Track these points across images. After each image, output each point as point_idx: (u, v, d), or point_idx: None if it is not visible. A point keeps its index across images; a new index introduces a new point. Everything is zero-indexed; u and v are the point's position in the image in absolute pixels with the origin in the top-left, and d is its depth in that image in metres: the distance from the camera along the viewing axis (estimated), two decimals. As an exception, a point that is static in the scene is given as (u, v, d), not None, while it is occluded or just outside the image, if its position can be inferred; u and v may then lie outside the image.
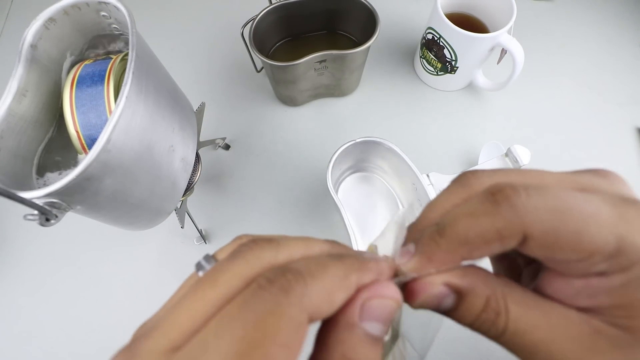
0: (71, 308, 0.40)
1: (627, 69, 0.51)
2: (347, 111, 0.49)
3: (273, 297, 0.11)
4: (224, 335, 0.11)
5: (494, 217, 0.12)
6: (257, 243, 0.13)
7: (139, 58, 0.24)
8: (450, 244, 0.13)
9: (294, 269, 0.12)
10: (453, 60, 0.44)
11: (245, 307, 0.11)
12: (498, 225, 0.12)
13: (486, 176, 0.15)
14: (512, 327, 0.13)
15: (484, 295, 0.13)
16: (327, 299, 0.12)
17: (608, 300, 0.12)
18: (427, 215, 0.15)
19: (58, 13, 0.27)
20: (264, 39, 0.45)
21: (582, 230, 0.12)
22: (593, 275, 0.12)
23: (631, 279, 0.12)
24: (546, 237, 0.12)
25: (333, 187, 0.36)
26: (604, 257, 0.12)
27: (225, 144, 0.46)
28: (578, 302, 0.13)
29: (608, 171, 0.15)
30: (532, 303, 0.13)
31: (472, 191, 0.14)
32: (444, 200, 0.15)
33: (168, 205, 0.33)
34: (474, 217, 0.13)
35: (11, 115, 0.26)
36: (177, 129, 0.30)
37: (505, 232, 0.12)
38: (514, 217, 0.12)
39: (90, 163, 0.21)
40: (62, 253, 0.42)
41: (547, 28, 0.54)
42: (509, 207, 0.12)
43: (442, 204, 0.15)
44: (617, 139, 0.47)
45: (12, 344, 0.39)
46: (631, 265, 0.12)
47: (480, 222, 0.13)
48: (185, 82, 0.37)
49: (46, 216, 0.22)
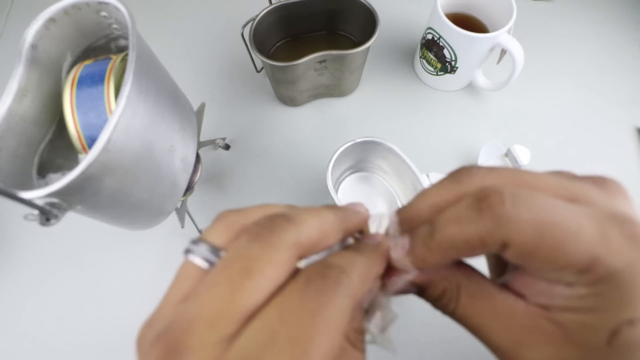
0: (71, 308, 0.40)
1: (627, 69, 0.51)
2: (347, 111, 0.49)
3: (326, 288, 0.13)
4: (289, 321, 0.12)
5: (477, 225, 0.13)
6: (277, 224, 0.14)
7: (139, 58, 0.24)
8: (440, 247, 0.14)
9: (337, 265, 0.14)
10: (453, 61, 0.44)
11: (303, 297, 0.12)
12: (481, 233, 0.13)
13: (479, 175, 0.15)
14: (460, 311, 0.15)
15: (441, 287, 0.16)
16: (319, 239, 0.14)
17: (563, 303, 0.13)
18: (417, 205, 0.16)
19: (58, 13, 0.27)
20: (264, 39, 0.45)
21: (560, 247, 0.12)
22: (557, 283, 0.14)
23: (592, 293, 0.13)
24: (524, 248, 0.13)
25: (333, 187, 0.36)
26: (574, 272, 0.13)
27: (225, 144, 0.46)
28: (538, 300, 0.14)
29: (608, 180, 0.15)
30: (484, 294, 0.15)
31: (463, 189, 0.15)
32: (436, 193, 0.16)
33: (168, 205, 0.33)
34: (459, 224, 0.14)
35: (11, 115, 0.26)
36: (177, 129, 0.30)
37: (487, 240, 0.13)
38: (495, 226, 0.13)
39: (91, 163, 0.21)
40: (63, 253, 0.42)
41: (547, 28, 0.54)
42: (492, 217, 0.13)
43: (432, 196, 0.16)
44: (617, 139, 0.47)
45: (13, 343, 0.39)
46: (596, 281, 0.12)
47: (465, 229, 0.14)
48: (185, 82, 0.37)
49: (46, 216, 0.22)
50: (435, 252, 0.15)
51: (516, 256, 0.13)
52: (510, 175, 0.15)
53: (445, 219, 0.14)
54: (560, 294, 0.13)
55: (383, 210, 0.43)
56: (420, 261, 0.15)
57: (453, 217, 0.14)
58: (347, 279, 0.13)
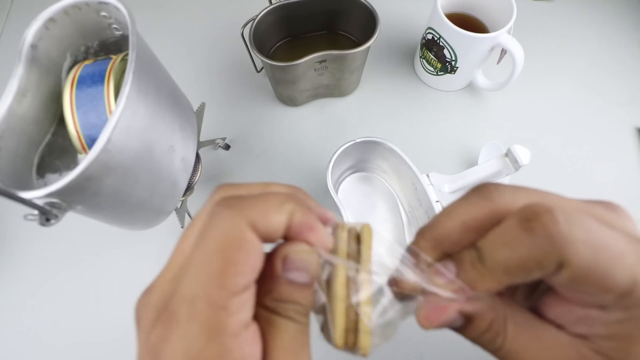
0: (71, 308, 0.40)
1: (627, 69, 0.51)
2: (347, 111, 0.49)
3: (220, 213, 0.14)
4: (196, 254, 0.14)
5: (532, 246, 0.13)
6: (220, 186, 0.16)
7: (139, 58, 0.24)
8: (493, 273, 0.14)
9: (239, 195, 0.15)
10: (453, 61, 0.44)
11: (203, 231, 0.14)
12: (536, 254, 0.13)
13: (509, 193, 0.15)
14: (508, 346, 0.14)
15: (489, 318, 0.15)
16: (264, 214, 0.14)
17: (603, 331, 0.13)
18: (445, 223, 0.15)
19: (58, 13, 0.27)
20: (264, 39, 0.45)
21: (610, 269, 0.12)
22: (595, 307, 0.13)
23: (630, 317, 0.13)
24: (580, 270, 0.12)
25: (333, 187, 0.36)
26: (615, 295, 0.12)
27: (225, 144, 0.46)
28: (575, 329, 0.14)
29: (616, 205, 0.15)
30: (529, 326, 0.15)
31: (496, 207, 0.14)
32: (464, 210, 0.15)
33: (168, 205, 0.33)
34: (511, 246, 0.13)
35: (11, 115, 0.26)
36: (177, 129, 0.30)
37: (544, 262, 0.13)
38: (552, 247, 0.12)
39: (91, 163, 0.21)
40: (63, 253, 0.42)
41: (547, 28, 0.54)
42: (546, 237, 0.12)
43: (461, 215, 0.15)
44: (617, 139, 0.47)
45: (13, 343, 0.39)
46: (634, 305, 0.12)
47: (518, 252, 0.13)
48: (185, 82, 0.37)
49: (46, 216, 0.22)
50: (487, 277, 0.14)
51: (570, 278, 0.13)
52: (539, 195, 0.14)
53: (493, 242, 0.14)
54: (598, 320, 0.13)
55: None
56: (470, 287, 0.14)
57: (502, 240, 0.13)
58: (240, 204, 0.14)
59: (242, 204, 0.14)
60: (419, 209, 0.39)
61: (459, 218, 0.15)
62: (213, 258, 0.13)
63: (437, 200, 0.37)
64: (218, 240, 0.13)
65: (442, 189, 0.37)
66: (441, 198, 0.37)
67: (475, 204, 0.15)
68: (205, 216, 0.14)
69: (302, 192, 0.17)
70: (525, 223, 0.13)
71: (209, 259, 0.13)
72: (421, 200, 0.38)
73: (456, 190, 0.37)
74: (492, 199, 0.15)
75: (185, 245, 0.15)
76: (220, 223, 0.13)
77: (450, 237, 0.15)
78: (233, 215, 0.14)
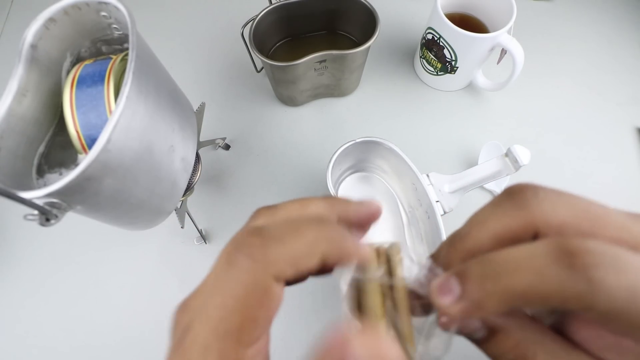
0: (71, 308, 0.40)
1: (627, 69, 0.51)
2: (347, 111, 0.49)
3: (239, 265, 0.13)
4: (213, 299, 0.13)
5: (566, 283, 0.11)
6: (258, 211, 0.16)
7: (139, 58, 0.24)
8: (505, 295, 0.12)
9: (264, 230, 0.14)
10: (453, 60, 0.44)
11: (224, 272, 0.13)
12: (568, 292, 0.11)
13: (548, 202, 0.13)
14: None
15: (516, 338, 0.13)
16: (293, 263, 0.13)
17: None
18: (477, 234, 0.14)
19: (58, 13, 0.27)
20: (264, 39, 0.45)
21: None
22: (627, 337, 0.12)
23: None
24: (612, 313, 0.11)
25: (333, 187, 0.36)
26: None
27: (225, 144, 0.46)
28: (605, 356, 0.13)
29: None
30: (561, 354, 0.13)
31: (532, 218, 0.13)
32: (496, 220, 0.14)
33: (168, 205, 0.33)
34: (539, 276, 0.12)
35: (11, 115, 0.26)
36: (177, 129, 0.30)
37: (572, 302, 0.11)
38: (588, 289, 0.11)
39: (91, 163, 0.21)
40: (62, 253, 0.42)
41: (547, 28, 0.54)
42: (586, 279, 0.11)
43: (493, 224, 0.14)
44: (617, 139, 0.47)
45: (13, 343, 0.39)
46: None
47: (547, 284, 0.12)
48: (185, 82, 0.37)
49: (46, 216, 0.22)
50: (496, 300, 0.12)
51: (598, 318, 0.12)
52: (582, 209, 0.13)
53: (516, 262, 0.12)
54: (631, 348, 0.12)
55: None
56: (474, 309, 0.13)
57: (530, 265, 0.12)
58: (265, 250, 0.13)
59: (267, 253, 0.13)
60: (419, 209, 0.39)
61: (492, 229, 0.14)
62: (232, 316, 0.13)
63: (437, 200, 0.37)
64: (238, 296, 0.13)
65: (442, 189, 0.37)
66: (441, 198, 0.37)
67: (510, 214, 0.13)
68: (230, 249, 0.14)
69: (340, 203, 0.16)
70: (565, 258, 0.12)
71: (228, 315, 0.13)
72: (421, 200, 0.38)
73: (456, 190, 0.37)
74: (528, 209, 0.13)
75: (216, 274, 0.14)
76: (242, 278, 0.13)
77: (481, 249, 0.14)
78: (257, 268, 0.13)
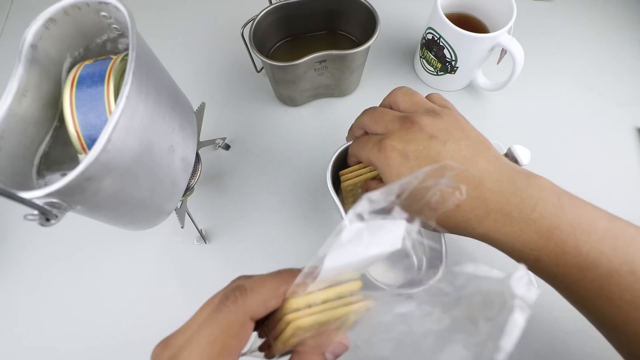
0: (71, 308, 0.40)
1: (627, 69, 0.51)
2: (347, 111, 0.49)
3: (227, 307, 0.18)
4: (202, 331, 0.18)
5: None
6: (239, 277, 0.21)
7: (139, 58, 0.24)
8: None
9: (242, 286, 0.19)
10: (453, 61, 0.44)
11: (212, 314, 0.18)
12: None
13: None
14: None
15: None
16: (263, 305, 0.18)
17: None
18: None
19: (58, 13, 0.27)
20: (264, 39, 0.45)
21: None
22: None
23: None
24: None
25: (333, 187, 0.36)
26: None
27: (225, 144, 0.46)
28: None
29: None
30: None
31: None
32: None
33: (168, 205, 0.33)
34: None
35: (11, 115, 0.26)
36: (177, 129, 0.30)
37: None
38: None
39: (91, 163, 0.21)
40: (62, 253, 0.42)
41: (547, 28, 0.54)
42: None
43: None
44: (617, 139, 0.47)
45: (12, 343, 0.39)
46: None
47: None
48: (185, 82, 0.37)
49: (46, 216, 0.22)
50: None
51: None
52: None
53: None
54: None
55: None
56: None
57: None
58: (244, 299, 0.18)
59: (246, 302, 0.18)
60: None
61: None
62: (215, 342, 0.17)
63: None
64: (221, 329, 0.17)
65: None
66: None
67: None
68: (218, 300, 0.19)
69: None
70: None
71: (212, 341, 0.17)
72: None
73: (456, 190, 0.37)
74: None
75: (200, 317, 0.18)
76: (227, 316, 0.18)
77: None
78: (238, 311, 0.18)
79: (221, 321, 0.18)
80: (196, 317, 0.19)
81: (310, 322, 0.18)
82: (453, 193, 0.23)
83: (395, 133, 0.28)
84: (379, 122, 0.30)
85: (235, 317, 0.18)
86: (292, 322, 0.18)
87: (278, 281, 0.19)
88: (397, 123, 0.28)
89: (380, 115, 0.30)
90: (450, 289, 0.17)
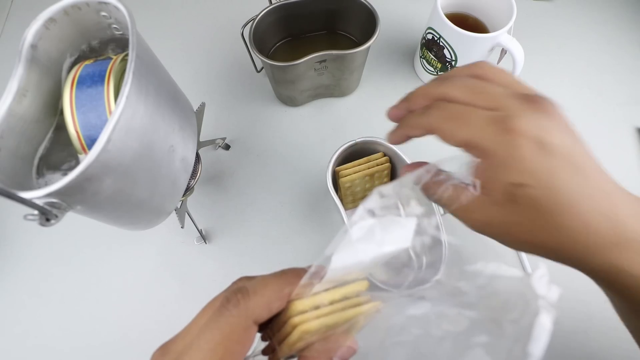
0: (71, 307, 0.40)
1: (627, 69, 0.51)
2: (347, 111, 0.49)
3: (229, 311, 0.17)
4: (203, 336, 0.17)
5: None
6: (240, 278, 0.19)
7: (139, 58, 0.24)
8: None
9: (244, 288, 0.18)
10: (453, 61, 0.44)
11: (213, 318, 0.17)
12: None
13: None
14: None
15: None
16: (267, 308, 0.17)
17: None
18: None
19: (58, 13, 0.27)
20: (264, 39, 0.45)
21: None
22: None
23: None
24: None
25: (333, 187, 0.36)
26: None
27: (225, 144, 0.46)
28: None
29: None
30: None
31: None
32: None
33: (168, 205, 0.33)
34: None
35: (11, 115, 0.26)
36: (177, 129, 0.30)
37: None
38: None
39: (91, 163, 0.21)
40: (62, 253, 0.42)
41: (547, 28, 0.54)
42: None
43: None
44: (617, 139, 0.47)
45: (12, 343, 0.39)
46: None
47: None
48: (185, 82, 0.37)
49: (46, 216, 0.22)
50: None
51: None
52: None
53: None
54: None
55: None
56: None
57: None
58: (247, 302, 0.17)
59: (249, 304, 0.17)
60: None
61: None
62: (217, 348, 0.16)
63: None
64: (223, 334, 0.17)
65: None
66: (441, 198, 0.37)
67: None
68: (219, 303, 0.18)
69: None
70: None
71: (214, 347, 0.16)
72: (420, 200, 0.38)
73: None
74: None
75: (201, 321, 0.17)
76: (229, 320, 0.17)
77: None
78: (241, 314, 0.17)
79: (223, 326, 0.17)
80: (196, 321, 0.18)
81: (318, 326, 0.17)
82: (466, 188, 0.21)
83: (526, 113, 0.20)
84: (480, 93, 0.21)
85: (238, 321, 0.17)
86: (298, 325, 0.17)
87: (282, 282, 0.18)
88: (517, 101, 0.20)
89: (482, 86, 0.21)
90: (469, 287, 0.16)
